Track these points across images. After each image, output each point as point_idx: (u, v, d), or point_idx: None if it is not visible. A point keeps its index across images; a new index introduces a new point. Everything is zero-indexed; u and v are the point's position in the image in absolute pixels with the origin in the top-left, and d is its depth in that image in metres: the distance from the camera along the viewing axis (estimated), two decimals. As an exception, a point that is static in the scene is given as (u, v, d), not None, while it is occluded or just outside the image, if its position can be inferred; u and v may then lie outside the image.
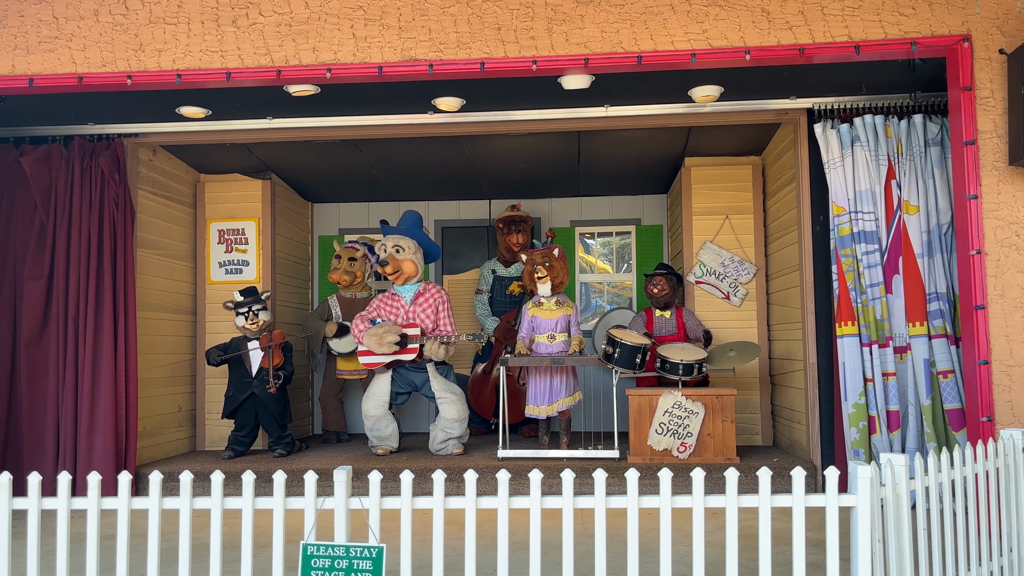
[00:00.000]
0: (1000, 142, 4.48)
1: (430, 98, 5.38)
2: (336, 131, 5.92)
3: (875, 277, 5.11)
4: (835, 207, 5.21)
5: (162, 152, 6.54)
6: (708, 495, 2.79)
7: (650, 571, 3.68)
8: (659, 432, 5.59)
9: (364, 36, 4.77)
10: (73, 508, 2.82)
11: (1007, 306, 4.43)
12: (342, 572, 2.71)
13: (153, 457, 6.32)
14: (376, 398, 6.11)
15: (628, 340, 5.64)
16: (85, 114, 5.65)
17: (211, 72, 4.80)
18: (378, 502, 2.79)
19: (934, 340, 5.01)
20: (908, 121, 5.16)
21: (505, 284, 7.40)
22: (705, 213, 6.86)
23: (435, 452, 6.19)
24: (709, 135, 6.40)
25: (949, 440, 4.94)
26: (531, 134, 6.23)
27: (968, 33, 4.52)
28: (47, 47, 4.87)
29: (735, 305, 6.77)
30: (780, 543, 4.08)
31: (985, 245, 4.47)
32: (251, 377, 6.25)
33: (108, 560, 3.95)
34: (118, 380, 5.61)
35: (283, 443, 6.28)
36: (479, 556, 3.96)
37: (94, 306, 5.61)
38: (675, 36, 4.65)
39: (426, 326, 6.13)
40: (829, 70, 4.93)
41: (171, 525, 4.61)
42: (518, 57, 4.70)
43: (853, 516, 2.84)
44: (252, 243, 7.05)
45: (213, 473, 2.81)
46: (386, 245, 6.21)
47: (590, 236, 8.27)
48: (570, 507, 2.77)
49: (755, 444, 6.68)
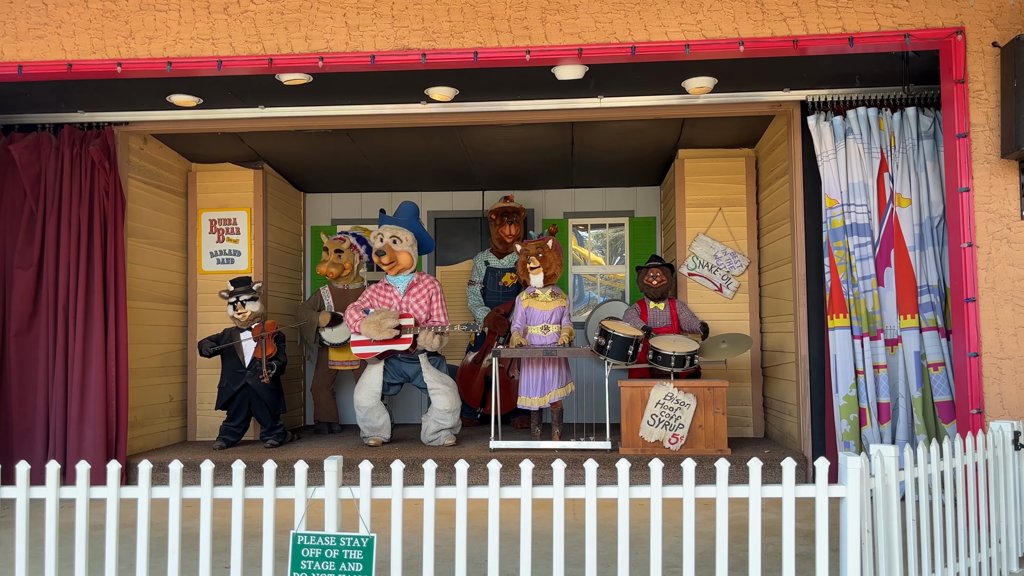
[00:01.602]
0: (992, 135, 4.49)
1: (423, 88, 5.36)
2: (329, 121, 5.89)
3: (867, 270, 5.12)
4: (828, 199, 5.21)
5: (153, 141, 6.50)
6: (699, 485, 2.80)
7: (641, 561, 3.69)
8: (651, 423, 5.60)
9: (357, 25, 4.74)
10: (62, 497, 2.81)
11: (998, 299, 4.45)
12: (332, 562, 2.71)
13: (144, 447, 6.30)
14: (368, 389, 6.10)
15: (621, 332, 5.64)
16: (75, 102, 5.60)
17: (202, 60, 4.77)
18: (369, 492, 2.78)
19: (925, 333, 5.03)
20: (901, 114, 5.16)
21: (498, 275, 7.40)
22: (698, 205, 6.86)
23: (427, 443, 6.19)
24: (703, 127, 6.39)
25: (939, 432, 4.97)
26: (525, 125, 6.21)
27: (961, 26, 4.52)
28: (36, 34, 4.82)
29: (727, 297, 6.78)
30: (770, 534, 4.10)
31: (976, 238, 4.48)
32: (244, 368, 6.23)
33: (97, 550, 3.94)
34: (108, 370, 5.59)
35: (275, 433, 6.27)
36: (470, 546, 3.97)
37: (84, 295, 5.58)
38: (669, 26, 4.63)
39: (420, 316, 6.12)
40: (823, 62, 4.93)
41: (161, 515, 4.60)
42: (512, 47, 4.68)
43: (843, 507, 2.85)
44: (244, 233, 7.02)
45: (203, 462, 2.80)
46: (383, 235, 6.18)
47: (583, 228, 8.26)
48: (561, 497, 2.77)
49: (746, 436, 6.70)
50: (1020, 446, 3.59)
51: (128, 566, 3.67)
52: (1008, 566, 3.52)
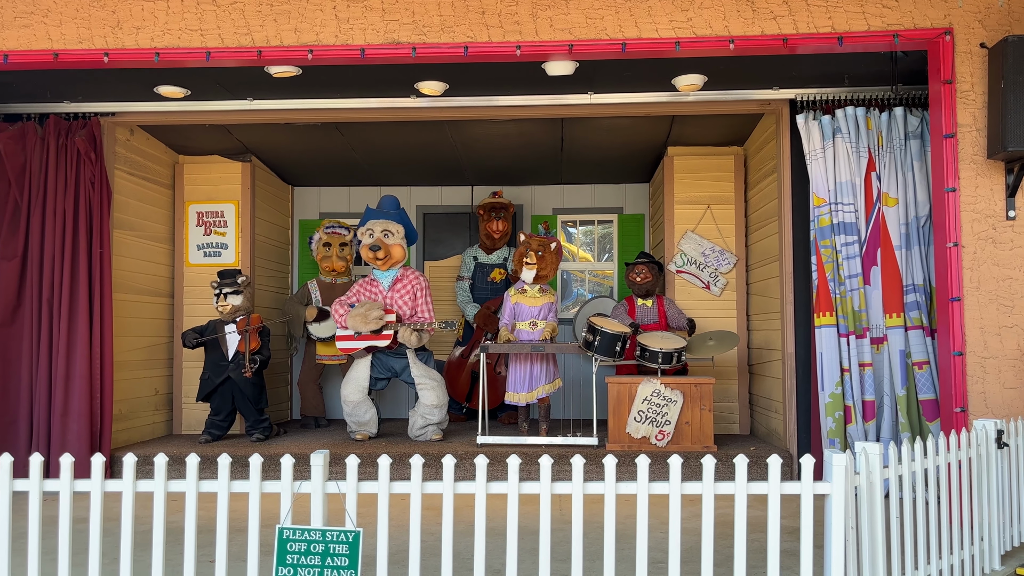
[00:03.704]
0: (979, 136, 4.52)
1: (413, 82, 5.34)
2: (317, 114, 5.87)
3: (853, 268, 5.15)
4: (815, 198, 5.24)
5: (140, 132, 6.45)
6: (685, 482, 2.81)
7: (627, 557, 3.70)
8: (638, 420, 5.61)
9: (347, 18, 4.72)
10: (45, 490, 2.79)
11: (982, 298, 4.48)
12: (318, 556, 2.70)
13: (129, 440, 6.26)
14: (355, 383, 6.08)
15: (608, 328, 5.65)
16: (61, 92, 5.55)
17: (190, 51, 4.73)
18: (355, 486, 2.78)
19: (910, 331, 5.06)
20: (889, 114, 5.19)
21: (487, 271, 7.39)
22: (687, 203, 6.87)
23: (414, 438, 6.18)
24: (692, 125, 6.41)
25: (923, 430, 5.00)
26: (515, 120, 6.20)
27: (950, 27, 4.54)
28: (22, 22, 4.77)
29: (715, 295, 6.80)
30: (756, 530, 4.12)
31: (962, 238, 4.51)
32: (227, 361, 6.20)
33: (81, 543, 3.91)
34: (93, 362, 5.55)
35: (260, 428, 6.25)
36: (456, 541, 3.97)
37: (69, 287, 5.54)
38: (660, 24, 4.64)
39: (403, 312, 6.10)
40: (812, 61, 4.95)
41: (146, 509, 4.57)
42: (502, 42, 4.67)
43: (827, 504, 2.87)
44: (231, 226, 6.98)
45: (188, 456, 2.78)
46: (373, 230, 6.14)
47: (572, 224, 8.26)
48: (547, 492, 2.77)
49: (733, 433, 6.73)
50: (1003, 444, 3.63)
51: (112, 559, 3.65)
52: (991, 563, 3.56)
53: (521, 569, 3.55)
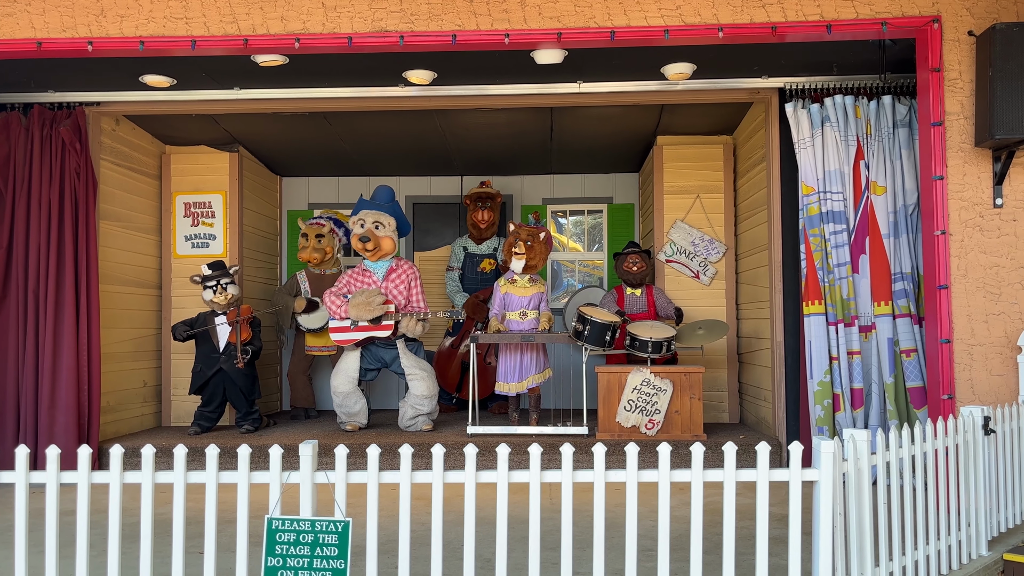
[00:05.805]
0: (967, 123, 4.53)
1: (401, 71, 5.31)
2: (305, 103, 5.83)
3: (842, 257, 5.16)
4: (804, 187, 5.24)
5: (126, 122, 6.39)
6: (674, 470, 2.81)
7: (616, 545, 3.71)
8: (628, 409, 5.62)
9: (334, 5, 4.68)
10: (32, 482, 2.77)
11: (970, 286, 4.50)
12: (307, 547, 2.70)
13: (117, 433, 6.23)
14: (345, 374, 6.07)
15: (598, 318, 5.65)
16: (45, 81, 5.49)
17: (175, 40, 4.68)
18: (344, 476, 2.77)
19: (898, 319, 5.08)
20: (877, 102, 5.19)
21: (476, 261, 7.37)
22: (676, 192, 6.87)
23: (404, 428, 6.17)
24: (681, 113, 6.40)
25: (911, 418, 5.03)
26: (504, 109, 6.18)
27: (938, 14, 4.54)
28: (5, 11, 4.71)
29: (704, 284, 6.81)
30: (745, 517, 4.13)
31: (949, 225, 4.53)
32: (219, 352, 6.17)
33: (68, 536, 3.90)
34: (80, 354, 5.51)
35: (250, 419, 6.23)
36: (446, 531, 3.96)
37: (55, 278, 5.49)
38: (648, 12, 4.62)
39: (399, 302, 6.09)
40: (801, 49, 4.94)
41: (133, 501, 4.55)
42: (491, 30, 4.64)
43: (816, 490, 2.88)
44: (219, 217, 6.94)
45: (176, 447, 2.76)
46: (364, 220, 6.12)
47: (562, 214, 8.25)
48: (537, 481, 2.77)
49: (722, 421, 6.76)
50: (990, 431, 3.65)
51: (100, 551, 3.63)
52: (978, 549, 3.58)
53: (511, 558, 3.56)
